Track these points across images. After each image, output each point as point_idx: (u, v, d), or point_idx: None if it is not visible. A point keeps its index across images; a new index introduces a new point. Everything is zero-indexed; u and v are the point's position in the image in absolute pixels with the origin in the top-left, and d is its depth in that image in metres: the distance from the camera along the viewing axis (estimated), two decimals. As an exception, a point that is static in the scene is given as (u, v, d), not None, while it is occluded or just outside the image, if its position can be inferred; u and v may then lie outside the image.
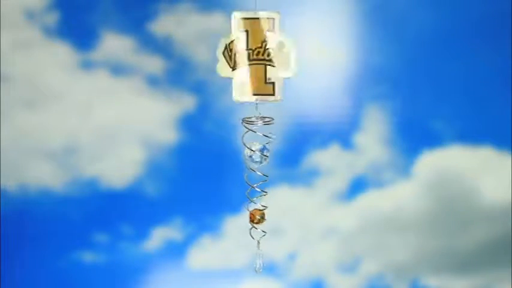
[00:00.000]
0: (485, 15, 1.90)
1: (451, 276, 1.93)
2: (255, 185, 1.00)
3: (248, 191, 1.00)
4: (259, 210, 1.02)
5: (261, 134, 0.99)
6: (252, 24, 0.99)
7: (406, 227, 1.94)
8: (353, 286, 1.94)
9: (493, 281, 1.92)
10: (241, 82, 0.98)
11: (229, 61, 0.98)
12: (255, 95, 0.99)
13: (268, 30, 0.98)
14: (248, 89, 0.99)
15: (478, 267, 1.92)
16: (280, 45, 0.98)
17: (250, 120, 0.99)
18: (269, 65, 0.98)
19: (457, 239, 1.93)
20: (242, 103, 1.00)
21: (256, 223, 1.02)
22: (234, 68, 0.98)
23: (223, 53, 0.98)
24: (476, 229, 1.93)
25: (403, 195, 1.93)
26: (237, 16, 0.98)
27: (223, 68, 0.98)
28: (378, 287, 1.94)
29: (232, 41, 0.98)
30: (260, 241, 1.02)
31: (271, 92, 0.99)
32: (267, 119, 0.99)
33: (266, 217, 1.02)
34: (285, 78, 0.99)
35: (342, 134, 1.93)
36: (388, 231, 1.94)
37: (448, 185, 1.94)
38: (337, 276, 1.94)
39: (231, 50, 0.98)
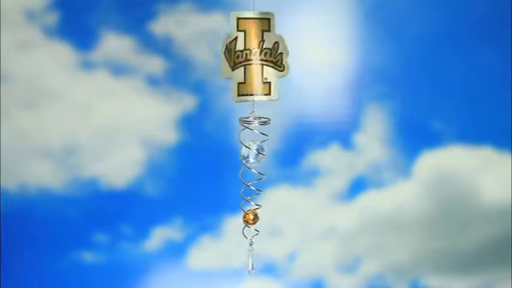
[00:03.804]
0: (485, 15, 1.90)
1: (451, 276, 1.93)
2: (250, 183, 1.00)
3: (242, 189, 1.00)
4: (253, 210, 1.02)
5: (257, 132, 0.99)
6: (249, 24, 0.99)
7: (406, 227, 1.94)
8: (353, 286, 1.94)
9: (493, 281, 1.92)
10: (239, 82, 0.99)
11: (229, 61, 0.98)
12: (252, 95, 0.99)
13: (264, 30, 0.98)
14: (246, 89, 0.99)
15: (478, 267, 1.92)
16: (275, 45, 0.99)
17: (247, 120, 0.99)
18: (266, 65, 0.99)
19: (457, 239, 1.93)
20: (241, 103, 1.00)
21: (251, 224, 1.02)
22: (233, 68, 0.98)
23: (224, 53, 0.98)
24: (476, 229, 1.93)
25: (403, 195, 1.93)
26: (235, 16, 0.99)
27: (223, 69, 0.99)
28: (377, 287, 1.94)
29: (232, 41, 0.98)
30: (253, 241, 1.02)
31: (268, 92, 0.99)
32: (263, 119, 0.99)
33: (260, 217, 1.02)
34: (279, 78, 0.99)
35: (342, 134, 1.93)
36: (388, 231, 1.94)
37: (448, 185, 1.94)
38: (337, 276, 1.94)
39: (230, 50, 0.98)
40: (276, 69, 0.99)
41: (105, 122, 1.93)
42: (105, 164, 1.93)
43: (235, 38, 0.98)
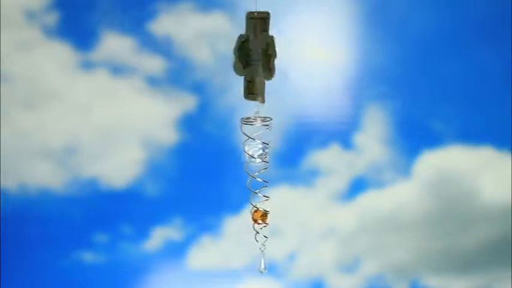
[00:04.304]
0: (485, 15, 1.90)
1: (451, 276, 1.93)
2: (257, 191, 1.00)
3: (250, 196, 1.01)
4: (260, 211, 1.02)
5: (259, 142, 0.99)
6: (254, 25, 0.99)
7: (406, 227, 1.94)
8: (353, 286, 1.94)
9: (493, 281, 1.92)
10: (248, 81, 0.99)
11: (242, 60, 0.98)
12: (256, 94, 0.99)
13: (264, 31, 0.98)
14: (252, 88, 0.99)
15: (478, 267, 1.92)
16: (267, 46, 0.98)
17: (248, 120, 0.99)
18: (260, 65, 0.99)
19: (457, 239, 1.93)
20: (240, 101, 1.00)
21: (260, 221, 1.02)
22: (245, 67, 0.99)
23: (237, 52, 0.98)
24: (476, 229, 1.93)
25: (403, 195, 1.93)
26: (249, 16, 0.98)
27: (237, 67, 0.99)
28: (377, 287, 1.94)
29: (245, 40, 0.98)
30: (265, 242, 1.02)
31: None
32: (266, 119, 0.99)
33: (267, 219, 1.02)
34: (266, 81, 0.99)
35: (342, 134, 1.93)
36: (388, 231, 1.94)
37: (448, 185, 1.94)
38: (337, 276, 1.94)
39: (243, 49, 0.98)
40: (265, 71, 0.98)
41: (105, 122, 1.93)
42: (105, 164, 1.93)
43: (247, 38, 0.98)
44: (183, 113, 1.93)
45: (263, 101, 0.99)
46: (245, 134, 0.99)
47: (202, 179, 1.93)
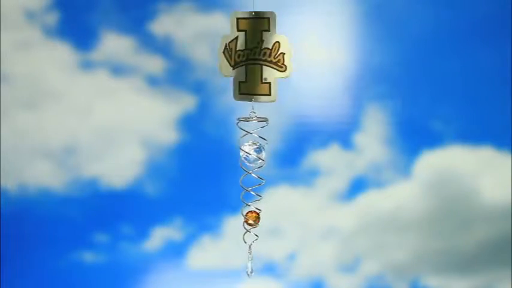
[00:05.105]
0: (485, 15, 1.90)
1: (451, 276, 1.93)
2: (250, 189, 1.00)
3: (242, 194, 1.00)
4: (255, 212, 1.02)
5: (256, 136, 0.99)
6: (249, 24, 0.99)
7: (406, 227, 1.94)
8: (353, 286, 1.94)
9: (493, 281, 1.92)
10: (241, 81, 0.99)
11: (229, 60, 0.98)
12: (251, 94, 0.99)
13: (264, 30, 0.98)
14: (247, 88, 0.99)
15: (478, 267, 1.92)
16: (276, 45, 0.99)
17: (245, 120, 1.00)
18: (265, 65, 0.99)
19: (457, 239, 1.93)
20: (241, 103, 1.01)
21: (250, 225, 1.02)
22: (233, 67, 0.99)
23: (224, 52, 0.98)
24: (476, 229, 1.93)
25: (403, 195, 1.93)
26: (234, 16, 0.99)
27: (223, 67, 0.99)
28: (377, 287, 1.94)
29: (232, 41, 0.98)
30: (252, 245, 1.02)
31: (267, 92, 0.99)
32: (261, 119, 0.99)
33: (261, 219, 1.02)
34: (280, 79, 0.99)
35: (342, 134, 1.93)
36: (388, 231, 1.94)
37: (448, 185, 1.94)
38: (337, 276, 1.94)
39: (230, 50, 0.98)
40: (277, 69, 0.99)
41: (105, 122, 1.93)
42: (105, 164, 1.93)
43: (236, 38, 0.98)
44: (183, 113, 1.93)
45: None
46: (242, 129, 0.99)
47: (202, 179, 1.93)
